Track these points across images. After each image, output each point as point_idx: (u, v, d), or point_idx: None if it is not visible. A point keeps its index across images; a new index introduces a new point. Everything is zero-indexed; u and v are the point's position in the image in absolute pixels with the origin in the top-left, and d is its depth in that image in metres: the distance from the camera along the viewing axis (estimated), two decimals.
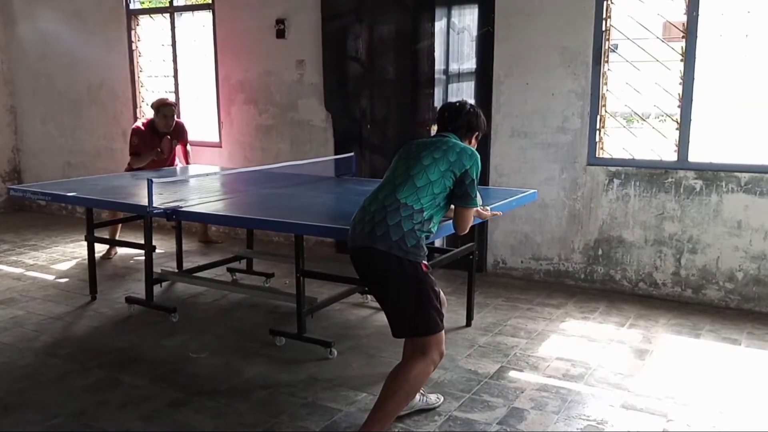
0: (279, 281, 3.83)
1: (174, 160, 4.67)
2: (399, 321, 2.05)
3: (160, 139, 4.51)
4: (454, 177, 2.07)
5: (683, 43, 3.39)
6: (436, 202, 2.06)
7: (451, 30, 4.01)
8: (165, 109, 4.49)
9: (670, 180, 3.51)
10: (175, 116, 4.60)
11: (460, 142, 2.17)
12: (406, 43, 4.14)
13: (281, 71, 4.66)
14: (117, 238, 4.21)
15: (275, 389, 2.50)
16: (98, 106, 5.63)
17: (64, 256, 4.58)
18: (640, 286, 3.64)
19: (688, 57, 3.38)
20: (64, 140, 5.90)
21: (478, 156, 2.14)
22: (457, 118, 2.24)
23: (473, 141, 2.28)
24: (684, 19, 3.37)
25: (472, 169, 2.08)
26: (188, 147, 4.76)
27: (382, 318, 3.27)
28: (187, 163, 4.75)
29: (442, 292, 2.10)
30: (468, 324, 3.17)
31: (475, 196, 2.14)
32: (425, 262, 2.03)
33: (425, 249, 2.05)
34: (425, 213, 2.03)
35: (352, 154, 3.94)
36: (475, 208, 2.21)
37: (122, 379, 2.61)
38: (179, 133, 4.63)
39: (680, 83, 3.42)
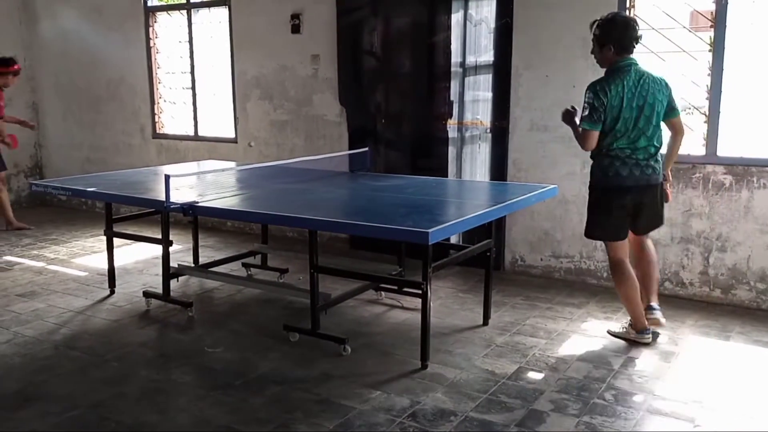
0: (293, 277, 3.82)
1: None
2: (655, 224, 2.89)
3: None
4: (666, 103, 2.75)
5: (712, 33, 3.27)
6: None
7: (468, 22, 3.93)
8: None
9: (698, 175, 3.39)
10: None
11: (646, 70, 2.75)
12: (422, 36, 4.08)
13: (296, 66, 4.64)
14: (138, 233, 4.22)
15: (289, 385, 2.49)
16: (117, 102, 5.69)
17: (84, 250, 4.65)
18: (666, 285, 3.53)
19: (717, 47, 3.25)
20: (83, 136, 5.99)
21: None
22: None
23: None
24: (712, 7, 3.25)
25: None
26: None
27: (396, 315, 3.25)
28: None
29: None
30: (485, 323, 3.11)
31: None
32: None
33: None
34: None
35: (366, 149, 3.90)
36: None
37: (139, 372, 2.63)
38: None
39: (708, 74, 3.30)
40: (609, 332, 2.96)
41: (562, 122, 2.92)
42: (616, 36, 2.67)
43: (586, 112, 2.68)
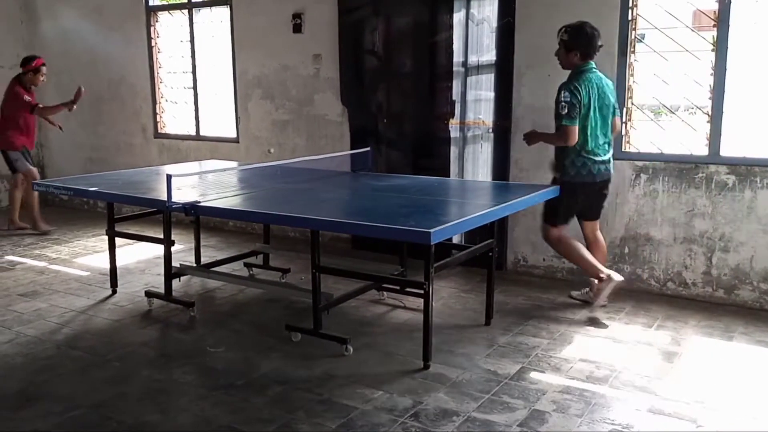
0: (295, 277, 3.82)
1: None
2: (601, 211, 3.29)
3: None
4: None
5: (715, 32, 3.25)
6: None
7: (470, 21, 3.92)
8: None
9: (700, 175, 3.38)
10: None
11: (601, 74, 3.07)
12: (424, 36, 4.07)
13: (298, 66, 4.63)
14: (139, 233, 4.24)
15: (291, 385, 2.49)
16: (118, 102, 5.69)
17: (86, 249, 4.65)
18: (669, 285, 3.52)
19: (720, 46, 3.24)
20: (85, 136, 5.99)
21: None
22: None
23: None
24: (715, 6, 3.24)
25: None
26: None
27: (398, 315, 3.25)
28: None
29: None
30: (487, 323, 3.10)
31: None
32: None
33: None
34: None
35: (368, 149, 3.89)
36: None
37: (141, 371, 2.63)
38: None
39: (711, 74, 3.29)
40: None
41: (529, 145, 3.25)
42: (582, 44, 2.98)
43: (566, 110, 2.94)
